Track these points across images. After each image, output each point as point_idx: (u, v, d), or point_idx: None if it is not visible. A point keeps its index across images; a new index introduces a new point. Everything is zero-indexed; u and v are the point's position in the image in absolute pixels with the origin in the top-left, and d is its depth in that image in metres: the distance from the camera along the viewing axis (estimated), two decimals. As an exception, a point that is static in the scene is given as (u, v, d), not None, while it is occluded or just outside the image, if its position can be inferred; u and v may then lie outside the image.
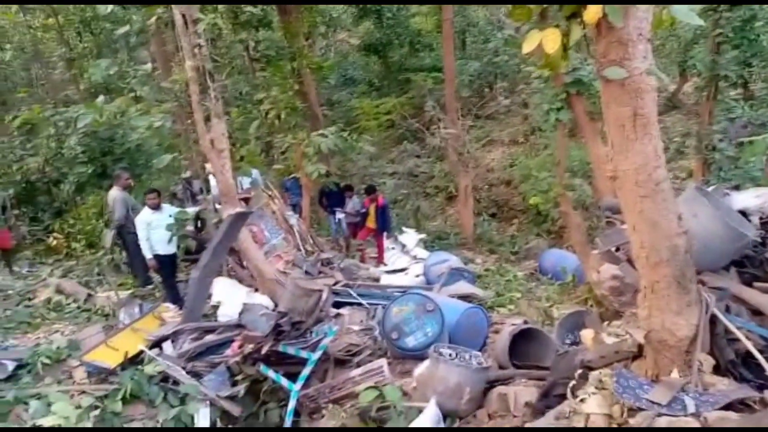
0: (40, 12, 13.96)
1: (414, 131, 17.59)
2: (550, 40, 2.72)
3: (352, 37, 21.66)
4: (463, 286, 8.78)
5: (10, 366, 5.98)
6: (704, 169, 9.92)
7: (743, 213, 4.12)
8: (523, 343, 5.93)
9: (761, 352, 3.25)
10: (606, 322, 4.86)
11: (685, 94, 18.89)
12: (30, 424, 5.19)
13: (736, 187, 4.70)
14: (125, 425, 5.38)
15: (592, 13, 2.63)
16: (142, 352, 6.19)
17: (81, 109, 10.27)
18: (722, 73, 9.21)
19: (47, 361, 6.06)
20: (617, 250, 4.54)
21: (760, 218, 4.15)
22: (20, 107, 12.20)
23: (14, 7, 13.40)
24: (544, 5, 2.64)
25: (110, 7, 10.80)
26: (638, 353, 3.68)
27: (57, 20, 13.48)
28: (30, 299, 8.18)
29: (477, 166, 15.33)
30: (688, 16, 2.72)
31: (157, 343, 6.45)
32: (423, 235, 13.11)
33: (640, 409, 3.20)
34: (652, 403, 3.18)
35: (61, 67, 14.12)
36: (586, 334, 3.98)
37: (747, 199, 4.21)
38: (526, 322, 6.82)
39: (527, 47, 2.79)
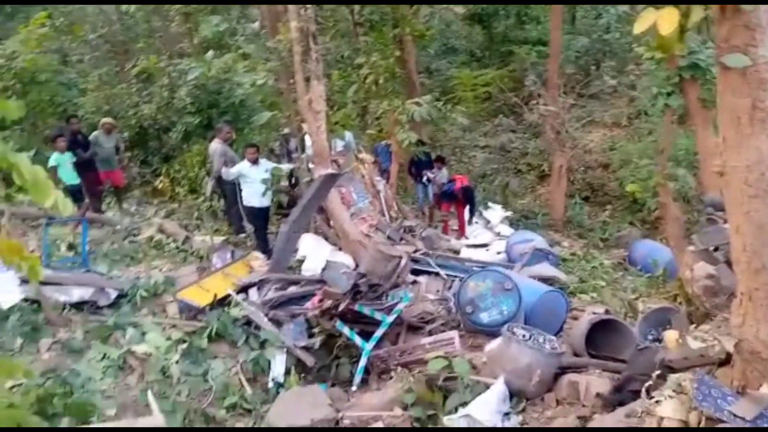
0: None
1: (511, 105, 17.11)
2: (666, 20, 2.55)
3: (457, 6, 21.15)
4: (546, 268, 8.60)
5: (113, 294, 6.57)
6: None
7: None
8: (602, 333, 5.76)
9: None
10: (694, 324, 4.63)
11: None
12: (125, 348, 5.70)
13: None
14: (209, 361, 5.79)
15: (718, -7, 2.45)
16: (229, 295, 6.59)
17: (192, 62, 10.80)
18: None
19: (145, 294, 6.61)
20: (715, 249, 4.28)
21: None
22: (139, 56, 12.99)
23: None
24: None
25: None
26: (725, 361, 3.49)
27: (177, -26, 14.12)
28: (135, 236, 8.80)
29: (574, 147, 14.72)
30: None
31: (244, 289, 6.84)
32: (509, 213, 12.88)
33: (720, 421, 3.05)
34: (735, 416, 3.03)
35: (178, 20, 14.83)
36: (670, 336, 3.81)
37: None
38: (607, 312, 6.62)
39: (639, 27, 2.64)
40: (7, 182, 6.55)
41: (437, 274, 7.76)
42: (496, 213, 12.18)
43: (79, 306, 6.35)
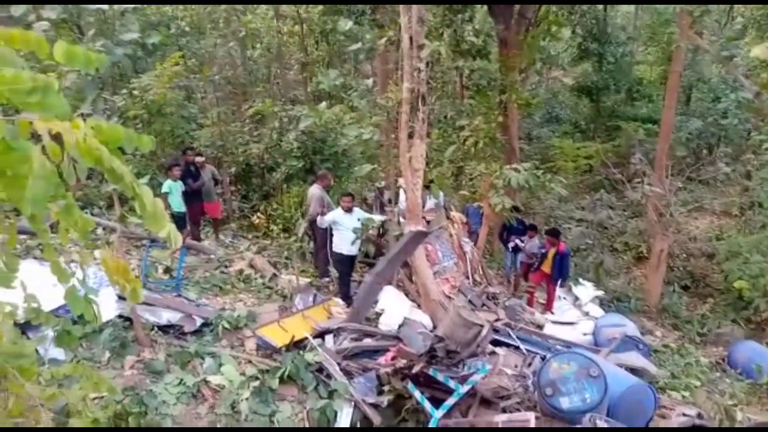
0: (290, 20, 15.81)
1: (613, 182, 16.60)
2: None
3: (566, 77, 21.14)
4: (636, 358, 8.07)
5: (199, 322, 6.80)
6: None
7: None
8: (693, 441, 5.28)
9: None
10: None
11: None
12: (202, 377, 5.86)
13: None
14: (277, 402, 5.82)
15: None
16: (306, 338, 6.66)
17: (305, 110, 11.38)
18: None
19: (227, 325, 6.79)
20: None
21: None
22: (255, 99, 13.88)
23: (270, 13, 15.36)
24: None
25: (349, 24, 11.83)
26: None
27: (301, 28, 15.13)
28: (226, 267, 9.15)
29: (678, 232, 13.99)
30: None
31: (321, 334, 6.89)
32: (600, 292, 12.28)
33: None
34: None
35: (295, 69, 15.80)
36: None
37: None
38: (700, 416, 6.07)
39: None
40: (122, 200, 7.08)
41: (517, 347, 7.48)
42: (586, 291, 11.66)
43: (165, 329, 6.60)
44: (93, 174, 9.01)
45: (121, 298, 6.06)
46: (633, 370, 7.37)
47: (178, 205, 9.35)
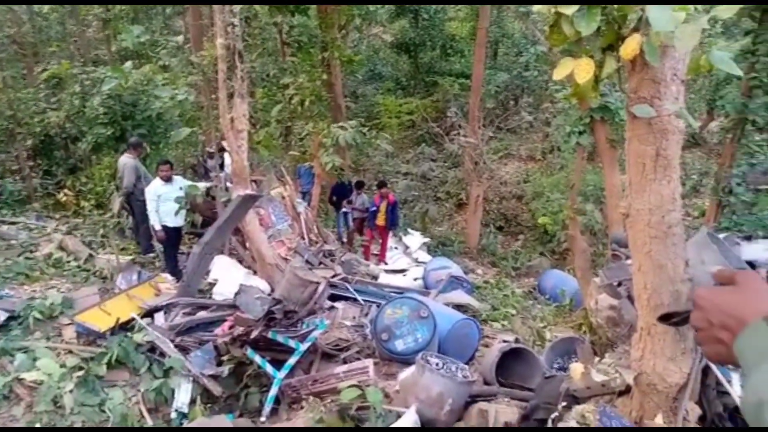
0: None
1: (433, 135, 17.57)
2: (582, 70, 2.67)
3: (385, 33, 21.63)
4: (460, 296, 8.77)
5: (2, 316, 6.02)
6: (718, 211, 9.81)
7: (751, 265, 4.06)
8: (511, 361, 5.89)
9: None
10: (597, 353, 4.82)
11: (709, 132, 18.71)
12: (13, 376, 5.23)
13: (748, 238, 4.63)
14: (107, 390, 5.41)
15: (629, 48, 2.59)
16: (133, 319, 6.22)
17: (108, 71, 10.30)
18: (750, 117, 9.09)
19: (39, 315, 6.11)
20: (619, 284, 4.49)
21: (768, 272, 4.09)
22: (50, 61, 12.26)
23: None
24: (582, 34, 2.58)
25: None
26: (624, 392, 3.65)
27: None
28: (32, 251, 8.20)
29: (491, 178, 15.27)
30: (728, 65, 2.67)
31: (149, 313, 6.48)
32: (427, 239, 13.09)
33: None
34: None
35: (95, 26, 14.15)
36: (576, 368, 3.94)
37: (757, 251, 4.15)
38: (517, 341, 6.80)
39: (559, 74, 2.75)
40: None
41: (355, 300, 7.70)
42: (415, 239, 12.34)
43: (-40, 329, 5.78)
44: None
45: None
46: (459, 307, 8.00)
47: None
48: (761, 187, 9.41)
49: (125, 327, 6.15)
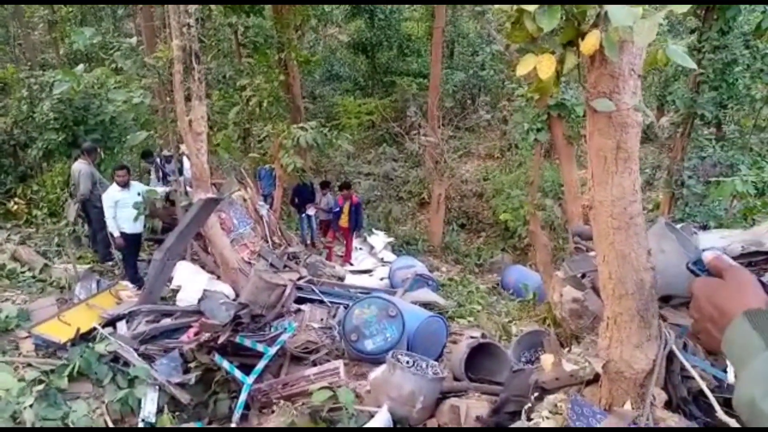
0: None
1: (394, 135, 17.64)
2: (545, 66, 2.73)
3: (342, 34, 21.56)
4: (426, 294, 8.84)
5: (-46, 331, 5.76)
6: (671, 203, 10.15)
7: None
8: (480, 357, 5.97)
9: (712, 391, 3.32)
10: (564, 347, 4.93)
11: (660, 127, 19.33)
12: (-31, 393, 5.01)
13: (704, 227, 4.82)
14: (68, 402, 5.24)
15: (589, 44, 2.65)
16: (94, 329, 6.04)
17: (58, 74, 9.96)
18: (699, 111, 9.43)
19: (-6, 329, 5.87)
20: (583, 276, 4.59)
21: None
22: (-7, 64, 11.80)
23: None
24: (542, 30, 2.63)
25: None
26: (592, 381, 3.73)
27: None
28: (-18, 264, 7.87)
29: (452, 176, 15.43)
30: (683, 59, 2.76)
31: (111, 322, 6.31)
32: (391, 239, 13.14)
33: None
34: (605, 433, 3.23)
35: (41, 29, 13.66)
36: (547, 359, 4.02)
37: (713, 239, 4.31)
38: (484, 336, 6.89)
39: (522, 70, 2.79)
40: None
41: (322, 301, 7.66)
42: (379, 239, 12.37)
43: None
44: None
45: None
46: (426, 305, 8.06)
47: None
48: (711, 179, 9.79)
49: (86, 337, 5.97)
